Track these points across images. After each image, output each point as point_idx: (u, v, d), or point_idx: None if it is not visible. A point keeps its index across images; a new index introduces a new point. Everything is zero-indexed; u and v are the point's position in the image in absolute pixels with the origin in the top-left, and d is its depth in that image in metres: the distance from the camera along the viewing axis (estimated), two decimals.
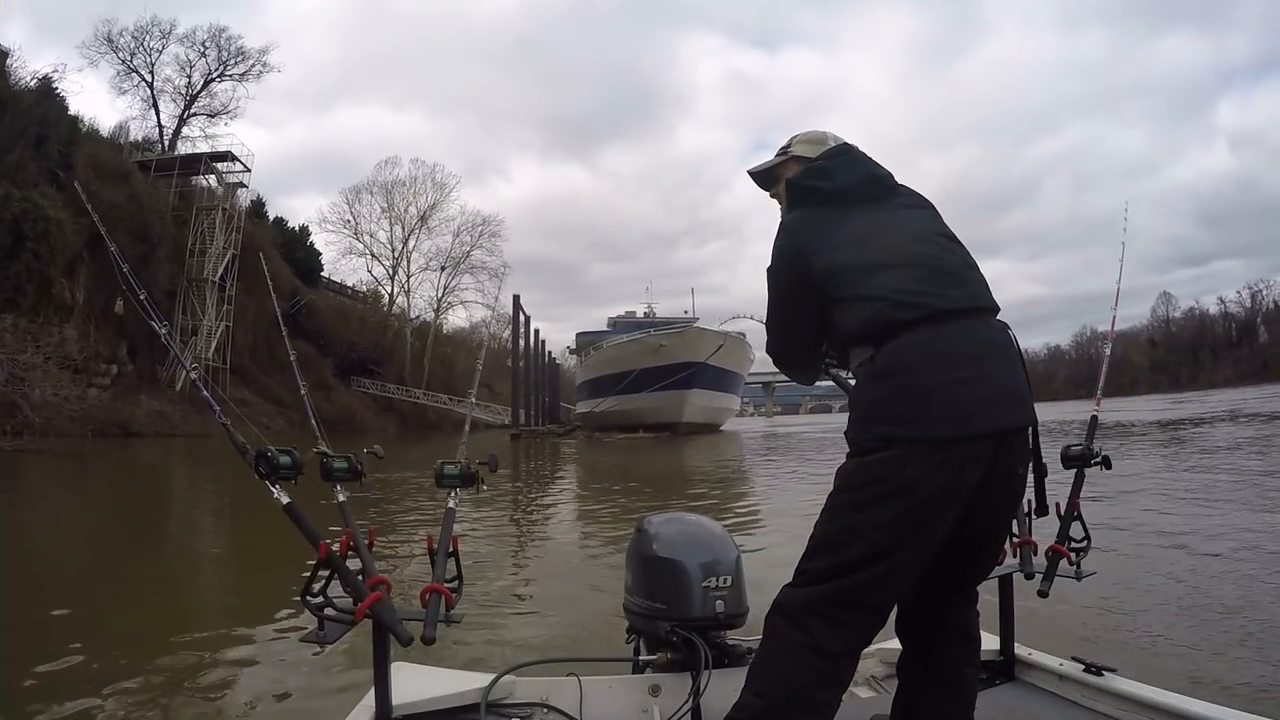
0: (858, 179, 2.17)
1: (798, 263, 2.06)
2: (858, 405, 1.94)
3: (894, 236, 2.06)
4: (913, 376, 1.84)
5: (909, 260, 2.00)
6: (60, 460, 22.78)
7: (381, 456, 2.26)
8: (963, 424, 1.81)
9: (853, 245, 2.02)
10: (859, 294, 1.96)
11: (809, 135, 2.37)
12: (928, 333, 1.88)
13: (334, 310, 60.15)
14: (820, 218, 2.11)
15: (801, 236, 2.09)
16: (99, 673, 4.24)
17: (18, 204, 32.73)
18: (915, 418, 1.81)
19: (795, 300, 2.13)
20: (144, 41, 50.75)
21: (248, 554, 8.47)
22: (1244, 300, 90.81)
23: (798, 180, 2.22)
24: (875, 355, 1.92)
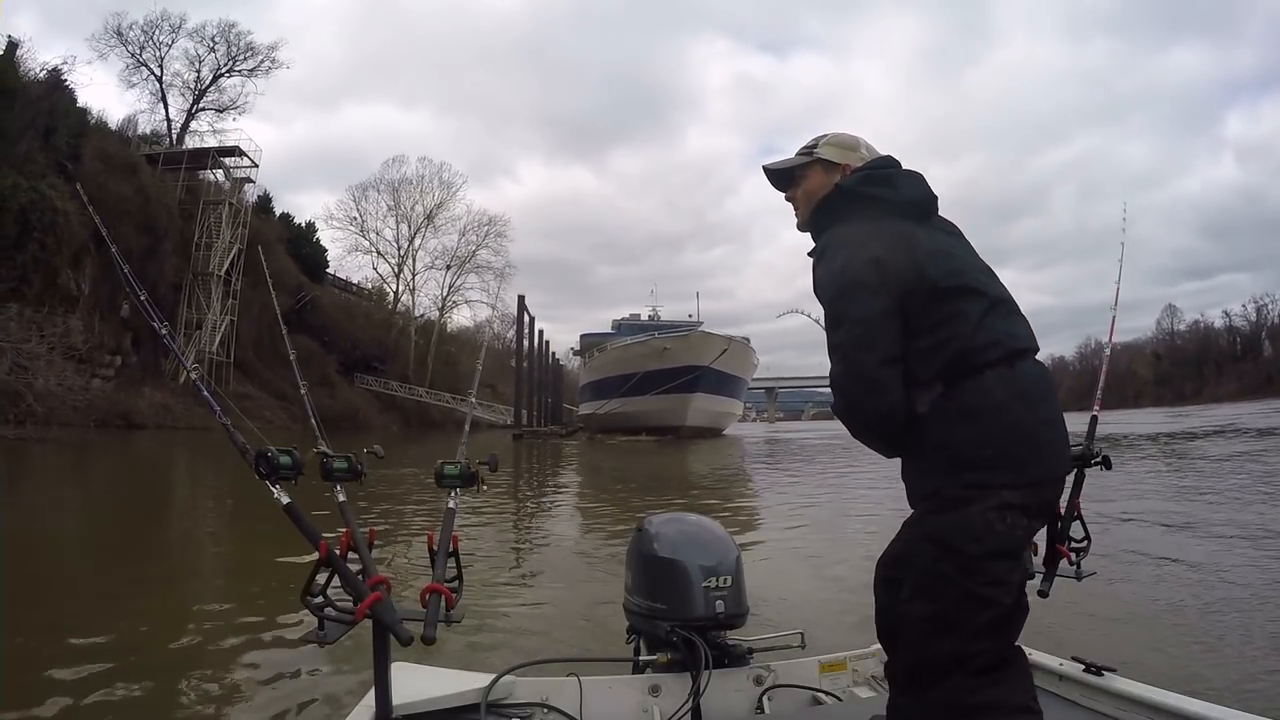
0: (920, 195, 2.03)
1: (882, 274, 1.84)
2: (937, 448, 1.81)
3: (961, 264, 1.93)
4: (1005, 417, 1.76)
5: (983, 290, 1.90)
6: (62, 450, 22.84)
7: (381, 456, 2.25)
8: (1050, 467, 1.82)
9: (929, 268, 1.86)
10: (937, 322, 1.84)
11: (839, 138, 2.18)
12: (1008, 372, 1.81)
13: (339, 307, 60.19)
14: (890, 231, 1.91)
15: (881, 249, 1.87)
16: (98, 671, 4.23)
17: (25, 194, 32.83)
18: (1010, 462, 1.74)
19: (883, 315, 1.85)
20: (153, 35, 51.01)
21: (248, 553, 8.46)
22: (1249, 314, 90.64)
23: (856, 186, 2.02)
24: (951, 393, 1.81)
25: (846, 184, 2.03)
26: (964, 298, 1.85)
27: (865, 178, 2.03)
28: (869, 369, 1.84)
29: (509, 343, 66.57)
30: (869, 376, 1.84)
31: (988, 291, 1.89)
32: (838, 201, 2.03)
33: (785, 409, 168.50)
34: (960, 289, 1.86)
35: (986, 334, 1.82)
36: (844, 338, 1.87)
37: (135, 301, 2.53)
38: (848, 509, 11.99)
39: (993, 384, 1.78)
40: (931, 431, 1.82)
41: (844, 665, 2.61)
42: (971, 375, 1.80)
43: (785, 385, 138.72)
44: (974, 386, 1.78)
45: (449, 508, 2.23)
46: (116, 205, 37.17)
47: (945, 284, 1.84)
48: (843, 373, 1.88)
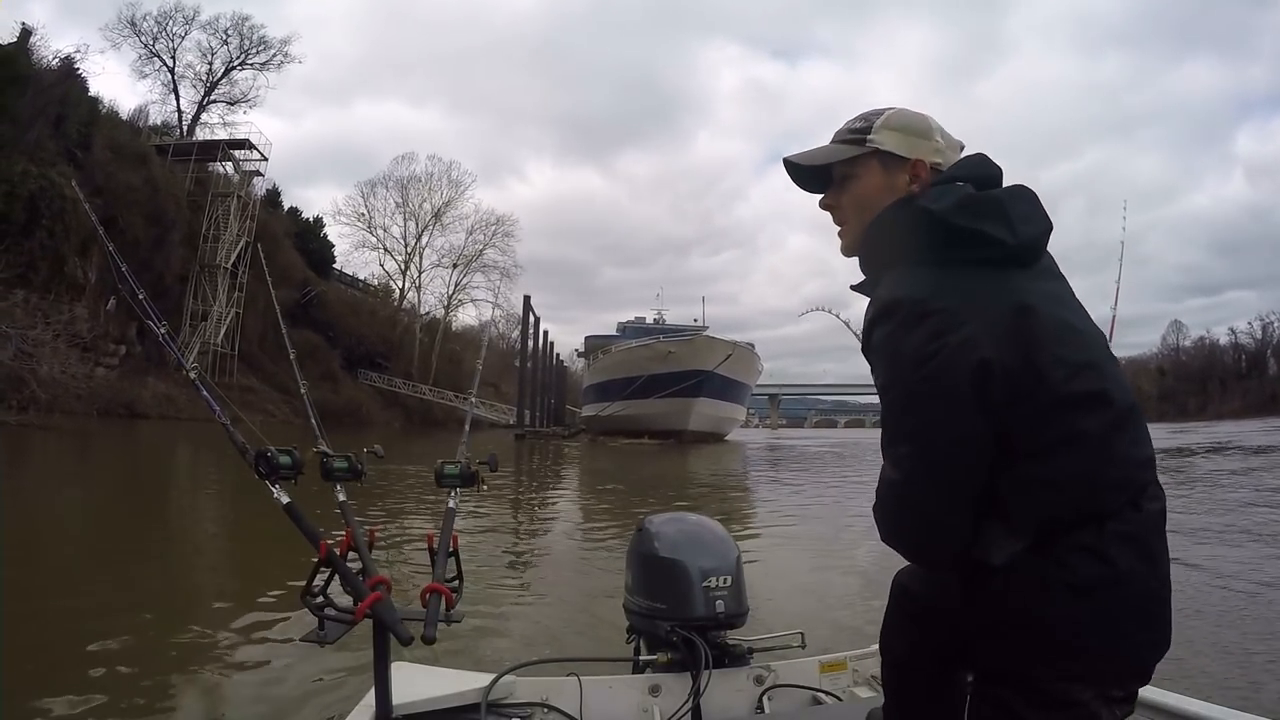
0: (1039, 232, 1.44)
1: (986, 384, 1.29)
2: (1022, 626, 1.32)
3: (1088, 349, 1.38)
4: (1128, 589, 1.30)
5: (1111, 396, 1.36)
6: (64, 438, 22.87)
7: (381, 456, 2.25)
8: (1165, 641, 1.36)
9: (1051, 365, 1.32)
10: (1047, 446, 1.32)
11: (905, 119, 1.54)
12: (1134, 518, 1.34)
13: (344, 302, 60.25)
14: (997, 301, 1.34)
15: (989, 342, 1.30)
16: (97, 671, 4.22)
17: (34, 181, 32.90)
18: (1128, 646, 1.33)
19: (975, 441, 1.31)
20: (167, 26, 51.16)
21: (247, 551, 8.46)
22: (1255, 332, 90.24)
23: (953, 218, 1.38)
24: (1051, 552, 1.30)
25: (939, 210, 1.39)
26: (1088, 409, 1.33)
27: (966, 204, 1.39)
28: (935, 512, 1.35)
29: (513, 343, 66.65)
30: (933, 521, 1.36)
31: (1115, 397, 1.36)
32: (918, 234, 1.40)
33: (788, 415, 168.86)
34: (1086, 397, 1.33)
35: (1114, 469, 1.33)
36: (908, 456, 1.36)
37: (133, 300, 2.52)
38: (848, 512, 11.98)
39: (1115, 543, 1.29)
40: (1015, 597, 1.32)
41: (844, 665, 2.60)
42: (1085, 528, 1.30)
43: (788, 392, 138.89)
44: (1089, 547, 1.29)
45: (449, 507, 2.23)
46: (125, 195, 37.38)
47: (1068, 389, 1.32)
48: (897, 502, 1.40)
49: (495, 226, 67.99)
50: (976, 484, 1.32)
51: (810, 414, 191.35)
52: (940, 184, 1.46)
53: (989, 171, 1.50)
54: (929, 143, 1.51)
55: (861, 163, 1.53)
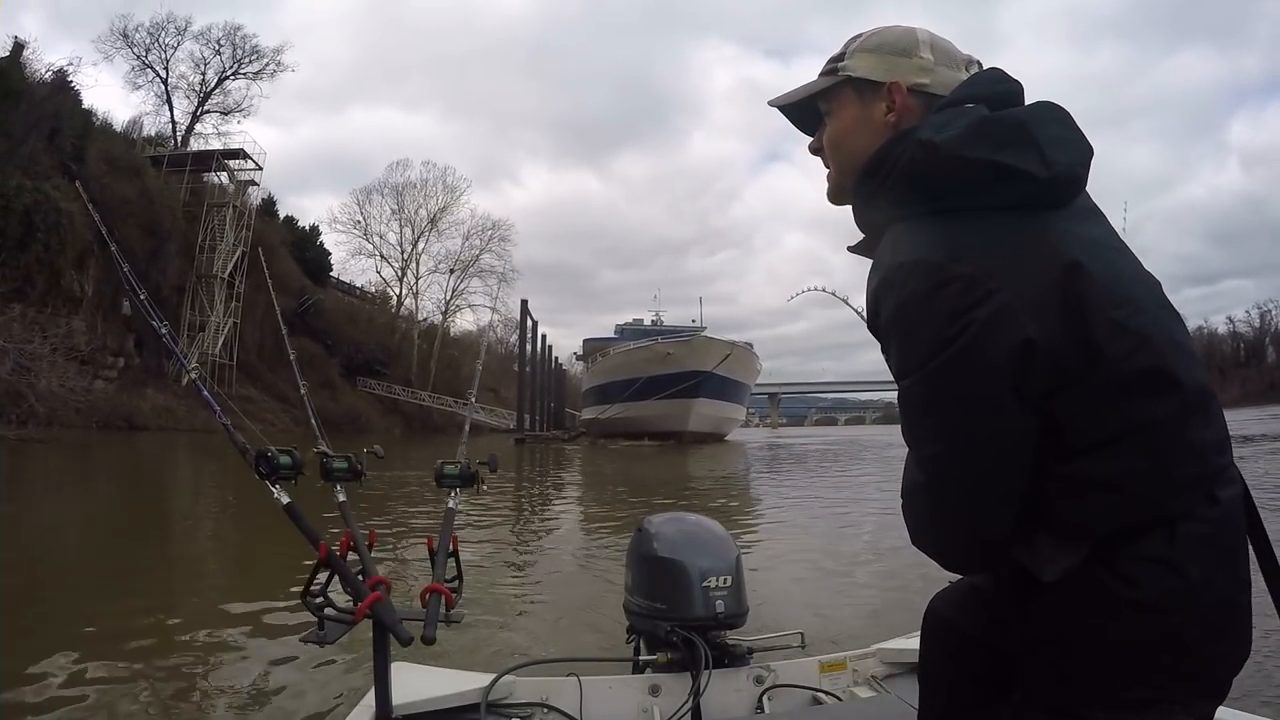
0: (1079, 159, 1.14)
1: (1028, 366, 1.04)
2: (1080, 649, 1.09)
3: (1144, 312, 1.11)
4: (1203, 601, 1.06)
5: (1178, 376, 1.09)
6: (64, 451, 22.84)
7: (381, 456, 2.25)
8: (1244, 656, 1.13)
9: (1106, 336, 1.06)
10: (1107, 439, 1.07)
11: (881, 36, 1.29)
12: (1210, 516, 1.08)
13: (342, 310, 60.23)
14: (1036, 259, 1.07)
15: (1031, 317, 1.04)
16: (98, 671, 4.23)
17: (30, 195, 32.90)
18: (1204, 666, 1.09)
19: (1018, 435, 1.07)
20: (159, 37, 51.16)
21: (248, 552, 8.47)
22: (1253, 320, 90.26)
23: (957, 146, 1.10)
24: (1114, 564, 1.06)
25: (944, 142, 1.10)
26: (1154, 390, 1.07)
27: (978, 131, 1.10)
28: (970, 520, 1.14)
29: (512, 347, 66.58)
30: (967, 529, 1.15)
31: (1183, 373, 1.08)
32: (922, 177, 1.13)
33: (788, 414, 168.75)
34: (1153, 375, 1.06)
35: (1187, 464, 1.08)
36: (933, 460, 1.13)
37: (135, 301, 2.53)
38: (848, 511, 11.98)
39: (1188, 548, 1.05)
40: (1070, 616, 1.10)
41: (844, 665, 2.60)
42: (1153, 533, 1.06)
43: (788, 391, 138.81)
44: (1159, 557, 1.05)
45: (449, 508, 2.24)
46: (121, 207, 37.30)
47: (1130, 366, 1.06)
48: (927, 508, 1.17)
49: (491, 231, 68.14)
50: (1019, 487, 1.09)
51: (810, 412, 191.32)
52: (946, 108, 1.17)
53: (1006, 88, 1.20)
54: (909, 60, 1.25)
55: (835, 95, 1.30)
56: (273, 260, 44.91)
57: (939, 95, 1.22)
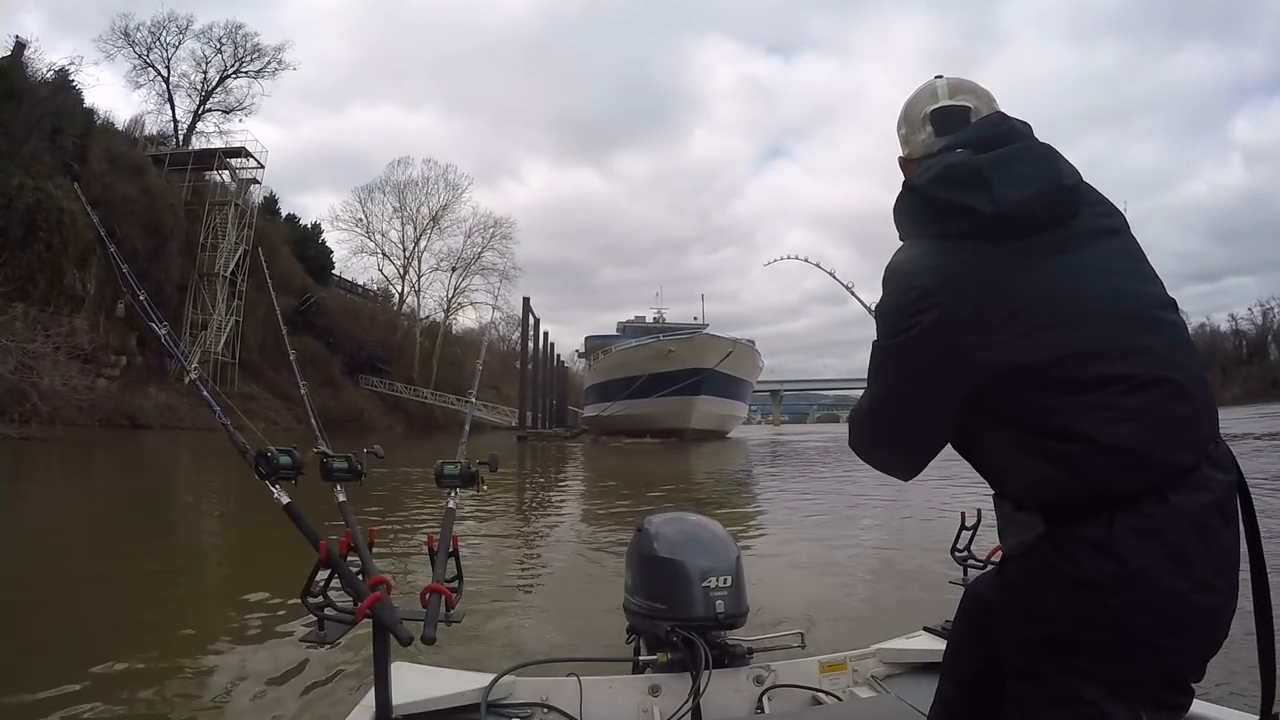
0: (1037, 192, 1.33)
1: (936, 344, 1.31)
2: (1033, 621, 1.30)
3: (1102, 307, 1.29)
4: (1141, 592, 1.19)
5: (1130, 369, 1.25)
6: (66, 449, 22.86)
7: (381, 456, 2.26)
8: (1203, 651, 1.26)
9: (1029, 331, 1.27)
10: (1040, 420, 1.26)
11: (903, 111, 1.62)
12: (1156, 512, 1.21)
13: (344, 308, 60.23)
14: (978, 263, 1.32)
15: (945, 299, 1.31)
16: (98, 670, 4.24)
17: (31, 194, 32.95)
18: (1144, 652, 1.22)
19: (925, 398, 1.37)
20: (160, 37, 51.04)
21: (248, 552, 8.47)
22: (1255, 318, 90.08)
23: (926, 188, 1.38)
24: (1058, 542, 1.26)
25: (918, 185, 1.40)
26: (1083, 388, 1.25)
27: (941, 174, 1.37)
28: (887, 445, 1.48)
29: (514, 345, 66.60)
30: (885, 447, 1.49)
31: (1134, 371, 1.25)
32: (903, 211, 1.45)
33: (790, 412, 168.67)
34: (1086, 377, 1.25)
35: (1118, 453, 1.22)
36: (873, 398, 1.44)
37: (134, 301, 2.53)
38: (849, 510, 11.97)
39: (1126, 539, 1.19)
40: (1023, 587, 1.32)
41: (844, 665, 2.60)
42: (1093, 519, 1.22)
43: (790, 388, 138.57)
44: (1096, 541, 1.21)
45: (449, 508, 2.24)
46: (122, 206, 37.31)
47: (1052, 372, 1.26)
48: (860, 428, 1.49)
49: (493, 229, 68.05)
50: (930, 434, 1.41)
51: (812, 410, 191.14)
52: (941, 153, 1.46)
53: (997, 131, 1.44)
54: (900, 137, 1.62)
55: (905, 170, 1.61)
56: (274, 259, 44.98)
57: (920, 157, 1.56)
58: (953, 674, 1.65)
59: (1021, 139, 1.42)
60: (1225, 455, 1.31)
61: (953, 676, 1.65)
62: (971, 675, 1.58)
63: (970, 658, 1.58)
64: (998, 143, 1.40)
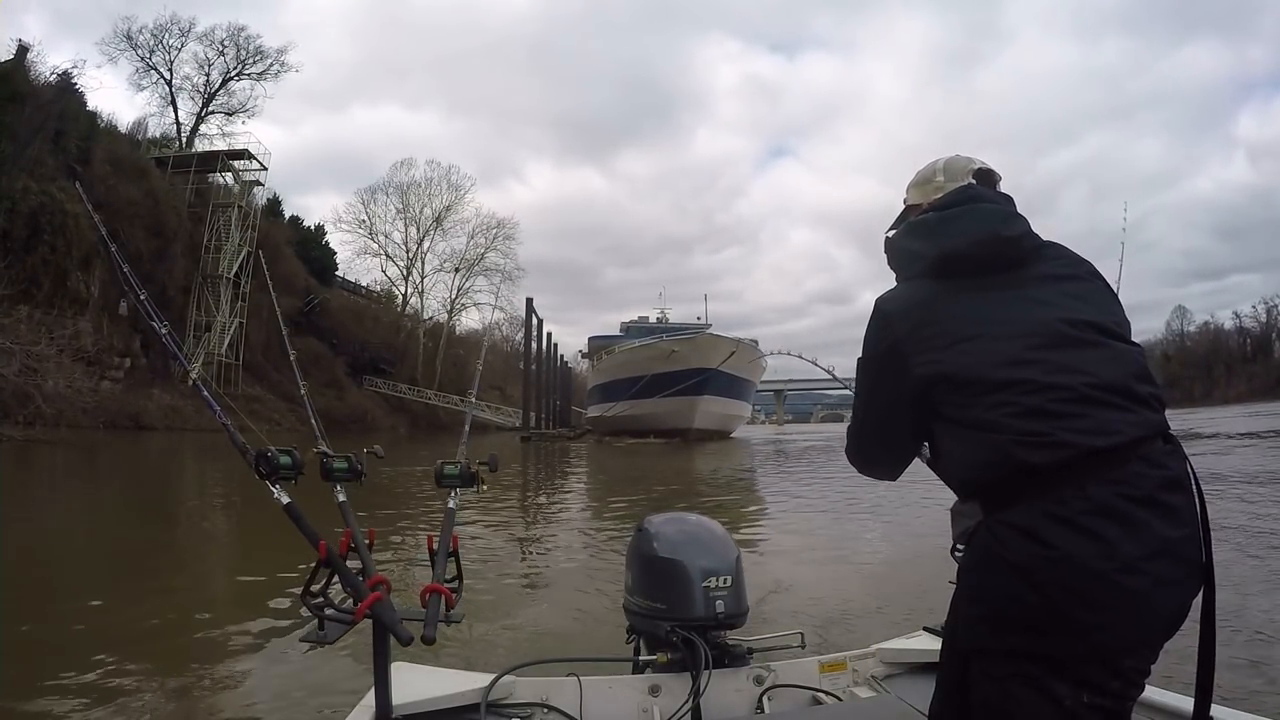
0: (975, 239, 1.58)
1: (892, 361, 1.57)
2: (973, 598, 1.48)
3: (1017, 329, 1.50)
4: (1059, 571, 1.32)
5: (1030, 374, 1.44)
6: (70, 451, 22.90)
7: (381, 456, 2.26)
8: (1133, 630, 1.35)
9: (961, 344, 1.51)
10: (970, 422, 1.47)
11: (919, 174, 1.87)
12: (1071, 499, 1.34)
13: (347, 309, 60.35)
14: (923, 296, 1.60)
15: (897, 324, 1.59)
16: (99, 671, 4.26)
17: (35, 197, 33.06)
18: (1072, 628, 1.33)
19: (890, 407, 1.64)
20: (163, 39, 51.26)
21: (249, 552, 8.49)
22: (1259, 315, 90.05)
23: (893, 240, 1.76)
24: (990, 527, 1.44)
25: (891, 238, 1.78)
26: (996, 391, 1.45)
27: (906, 227, 1.74)
28: (869, 448, 1.77)
29: (517, 345, 66.71)
30: (867, 453, 1.79)
31: (1034, 376, 1.44)
32: (891, 259, 1.77)
33: (793, 411, 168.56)
34: (981, 382, 1.47)
35: (1025, 441, 1.40)
36: (856, 409, 1.74)
37: (135, 301, 2.54)
38: (848, 510, 11.96)
39: (1048, 525, 1.34)
40: (970, 574, 1.49)
41: (844, 665, 2.60)
42: (1018, 507, 1.39)
43: (793, 387, 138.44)
44: (1021, 526, 1.37)
45: (449, 508, 2.25)
46: (126, 208, 37.49)
47: (966, 375, 1.49)
48: (850, 436, 1.78)
49: (496, 230, 68.24)
50: (900, 438, 1.68)
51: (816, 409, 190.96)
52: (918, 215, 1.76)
53: (957, 198, 1.70)
54: (931, 184, 1.79)
55: (905, 218, 1.83)
56: (278, 260, 45.10)
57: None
58: (945, 657, 1.69)
59: (974, 200, 1.68)
60: (1166, 454, 1.42)
61: (946, 659, 1.68)
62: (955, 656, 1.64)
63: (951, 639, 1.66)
64: (955, 205, 1.68)
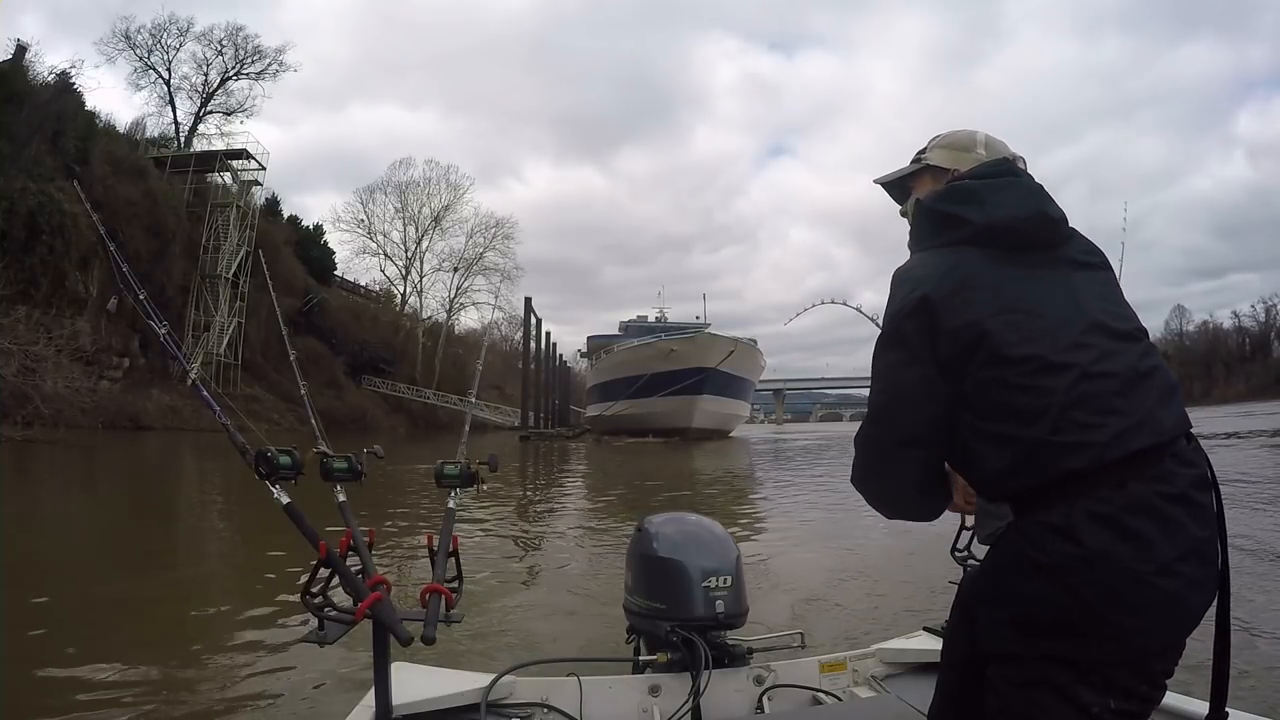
0: (1023, 214, 1.51)
1: (925, 320, 1.43)
2: (1002, 601, 1.38)
3: (1065, 313, 1.42)
4: (1098, 572, 1.26)
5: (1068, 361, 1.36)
6: (69, 451, 22.89)
7: (381, 456, 2.25)
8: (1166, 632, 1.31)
9: (1009, 315, 1.40)
10: (1004, 411, 1.37)
11: (953, 137, 1.74)
12: (1112, 498, 1.28)
13: (346, 309, 60.28)
14: (963, 261, 1.47)
15: (930, 285, 1.44)
16: (99, 671, 4.25)
17: (34, 198, 32.99)
18: (1106, 633, 1.27)
19: (920, 385, 1.44)
20: (161, 39, 51.12)
21: (248, 552, 8.48)
22: (1258, 314, 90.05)
23: (931, 203, 1.59)
24: (1022, 528, 1.36)
25: (926, 200, 1.61)
26: (1042, 373, 1.35)
27: (945, 191, 1.59)
28: (882, 445, 1.50)
29: (516, 345, 66.69)
30: (880, 454, 1.51)
31: (1077, 360, 1.35)
32: (917, 225, 1.63)
33: (793, 410, 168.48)
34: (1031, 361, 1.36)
35: (1068, 434, 1.31)
36: (870, 400, 1.52)
37: (134, 300, 2.54)
38: (848, 509, 11.95)
39: (1085, 523, 1.27)
40: (999, 576, 1.40)
41: (844, 665, 2.60)
42: (1055, 507, 1.30)
43: (792, 387, 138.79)
44: (1057, 526, 1.29)
45: (449, 508, 2.25)
46: (125, 208, 37.47)
47: (1013, 352, 1.37)
48: (859, 442, 1.53)
49: (495, 229, 68.05)
50: (921, 426, 1.45)
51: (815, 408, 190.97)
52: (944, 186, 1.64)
53: (997, 169, 1.61)
54: (969, 154, 1.68)
55: (917, 177, 1.76)
56: (277, 260, 45.01)
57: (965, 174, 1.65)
58: (948, 659, 1.68)
59: (1015, 174, 1.60)
60: (1193, 453, 1.38)
61: (948, 661, 1.68)
62: (963, 659, 1.60)
63: (961, 642, 1.61)
64: (997, 176, 1.59)
